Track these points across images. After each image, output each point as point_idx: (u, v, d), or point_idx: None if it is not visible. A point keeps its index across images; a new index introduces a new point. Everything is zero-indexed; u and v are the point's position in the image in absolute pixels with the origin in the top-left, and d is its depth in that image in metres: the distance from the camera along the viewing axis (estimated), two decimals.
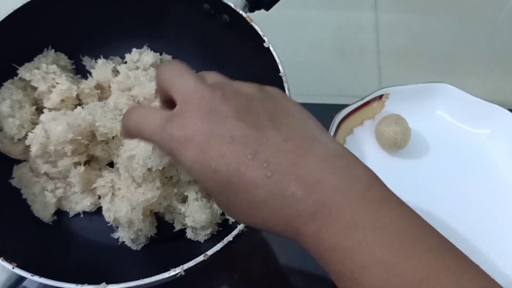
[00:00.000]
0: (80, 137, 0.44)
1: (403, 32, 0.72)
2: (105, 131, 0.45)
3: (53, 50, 0.52)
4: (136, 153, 0.43)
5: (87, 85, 0.51)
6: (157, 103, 0.47)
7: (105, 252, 0.46)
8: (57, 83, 0.49)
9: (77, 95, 0.50)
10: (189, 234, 0.46)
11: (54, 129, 0.43)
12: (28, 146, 0.45)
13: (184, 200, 0.46)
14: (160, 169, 0.43)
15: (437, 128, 0.59)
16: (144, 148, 0.42)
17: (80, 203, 0.48)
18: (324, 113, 0.56)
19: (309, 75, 0.66)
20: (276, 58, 0.46)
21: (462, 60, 0.70)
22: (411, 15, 0.73)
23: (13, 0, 0.47)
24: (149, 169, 0.43)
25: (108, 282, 0.37)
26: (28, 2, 0.47)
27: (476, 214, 0.54)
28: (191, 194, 0.45)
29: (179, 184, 0.46)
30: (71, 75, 0.53)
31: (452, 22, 0.73)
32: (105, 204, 0.46)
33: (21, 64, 0.49)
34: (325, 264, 0.25)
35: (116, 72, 0.52)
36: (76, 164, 0.46)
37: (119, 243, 0.47)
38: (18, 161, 0.49)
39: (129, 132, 0.31)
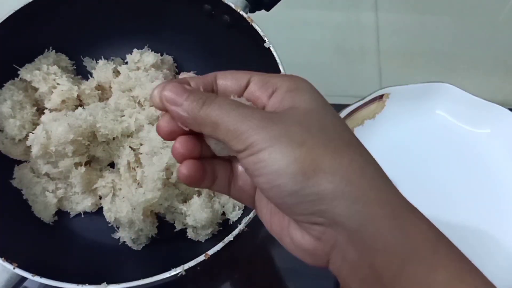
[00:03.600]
0: (81, 138, 0.44)
1: (403, 32, 0.72)
2: (105, 131, 0.45)
3: (54, 51, 0.52)
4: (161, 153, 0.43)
5: (88, 85, 0.51)
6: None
7: (106, 252, 0.47)
8: (58, 84, 0.49)
9: (78, 96, 0.50)
10: (190, 234, 0.46)
11: (55, 129, 0.43)
12: (29, 147, 0.45)
13: (185, 200, 0.46)
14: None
15: (437, 128, 0.59)
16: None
17: (81, 204, 0.48)
18: None
19: (310, 75, 0.65)
20: (277, 58, 0.46)
21: (462, 60, 0.70)
22: (411, 15, 0.73)
23: (14, 1, 0.47)
24: (167, 169, 0.43)
25: (108, 282, 0.37)
26: (29, 3, 0.47)
27: (476, 213, 0.54)
28: (192, 193, 0.46)
29: (180, 185, 0.46)
30: (72, 76, 0.53)
31: (452, 22, 0.73)
32: (105, 205, 0.46)
33: (22, 65, 0.49)
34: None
35: (117, 72, 0.52)
36: (77, 164, 0.46)
37: (120, 243, 0.47)
38: (19, 162, 0.49)
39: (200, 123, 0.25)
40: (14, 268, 0.37)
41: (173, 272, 0.38)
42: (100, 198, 0.48)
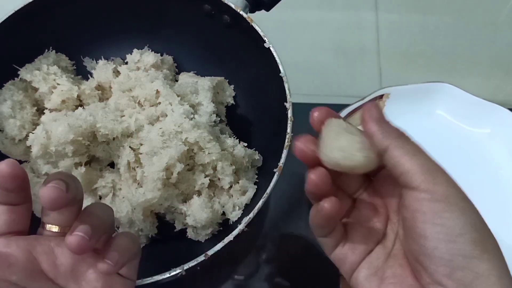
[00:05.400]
0: (81, 138, 0.44)
1: (403, 32, 0.72)
2: (106, 132, 0.45)
3: (54, 51, 0.52)
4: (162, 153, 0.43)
5: (88, 86, 0.51)
6: (160, 106, 0.47)
7: None
8: (58, 84, 0.49)
9: (78, 96, 0.50)
10: (190, 233, 0.46)
11: (55, 130, 0.43)
12: (29, 147, 0.45)
13: (185, 200, 0.46)
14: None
15: (438, 128, 0.59)
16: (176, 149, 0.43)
17: None
18: None
19: (309, 75, 0.66)
20: (277, 58, 0.46)
21: (463, 60, 0.70)
22: (411, 15, 0.73)
23: (14, 1, 0.47)
24: (167, 169, 0.43)
25: None
26: (29, 3, 0.47)
27: None
28: (192, 193, 0.46)
29: (180, 185, 0.46)
30: (72, 76, 0.53)
31: (452, 22, 0.73)
32: None
33: (22, 65, 0.49)
34: None
35: (117, 72, 0.52)
36: (77, 164, 0.46)
37: None
38: (19, 162, 0.49)
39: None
40: None
41: (173, 272, 0.38)
42: (100, 198, 0.48)
